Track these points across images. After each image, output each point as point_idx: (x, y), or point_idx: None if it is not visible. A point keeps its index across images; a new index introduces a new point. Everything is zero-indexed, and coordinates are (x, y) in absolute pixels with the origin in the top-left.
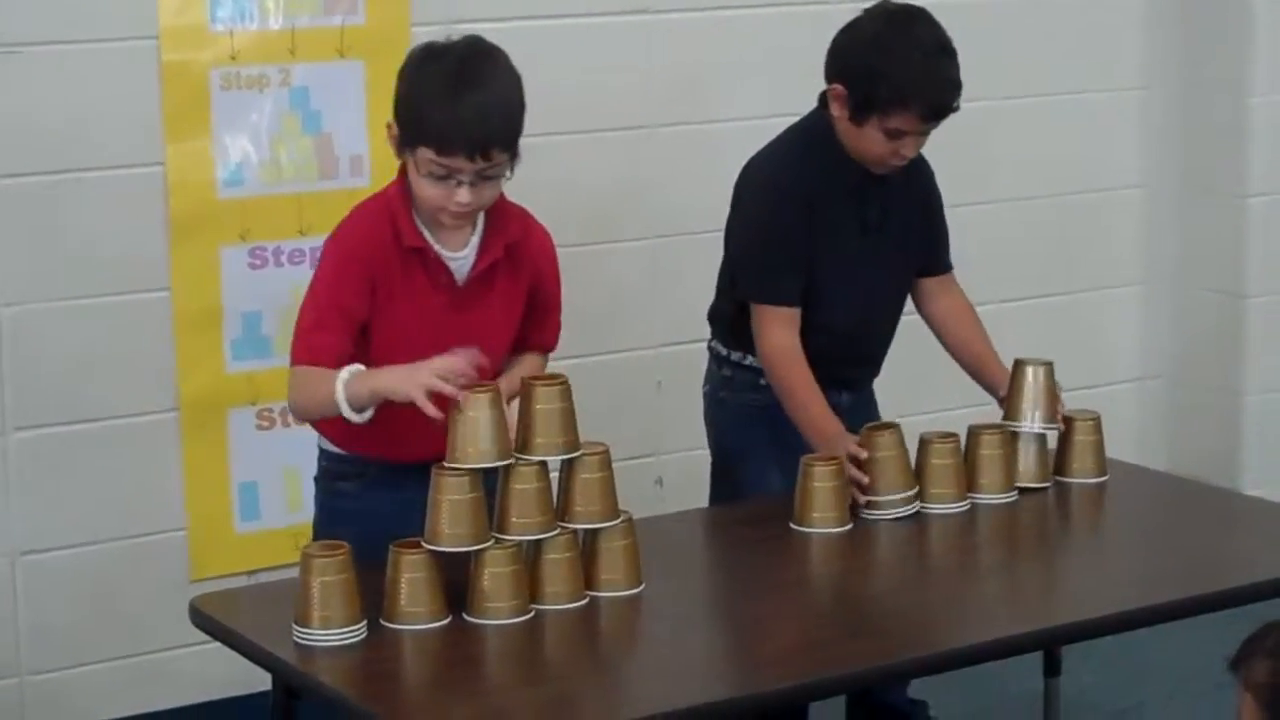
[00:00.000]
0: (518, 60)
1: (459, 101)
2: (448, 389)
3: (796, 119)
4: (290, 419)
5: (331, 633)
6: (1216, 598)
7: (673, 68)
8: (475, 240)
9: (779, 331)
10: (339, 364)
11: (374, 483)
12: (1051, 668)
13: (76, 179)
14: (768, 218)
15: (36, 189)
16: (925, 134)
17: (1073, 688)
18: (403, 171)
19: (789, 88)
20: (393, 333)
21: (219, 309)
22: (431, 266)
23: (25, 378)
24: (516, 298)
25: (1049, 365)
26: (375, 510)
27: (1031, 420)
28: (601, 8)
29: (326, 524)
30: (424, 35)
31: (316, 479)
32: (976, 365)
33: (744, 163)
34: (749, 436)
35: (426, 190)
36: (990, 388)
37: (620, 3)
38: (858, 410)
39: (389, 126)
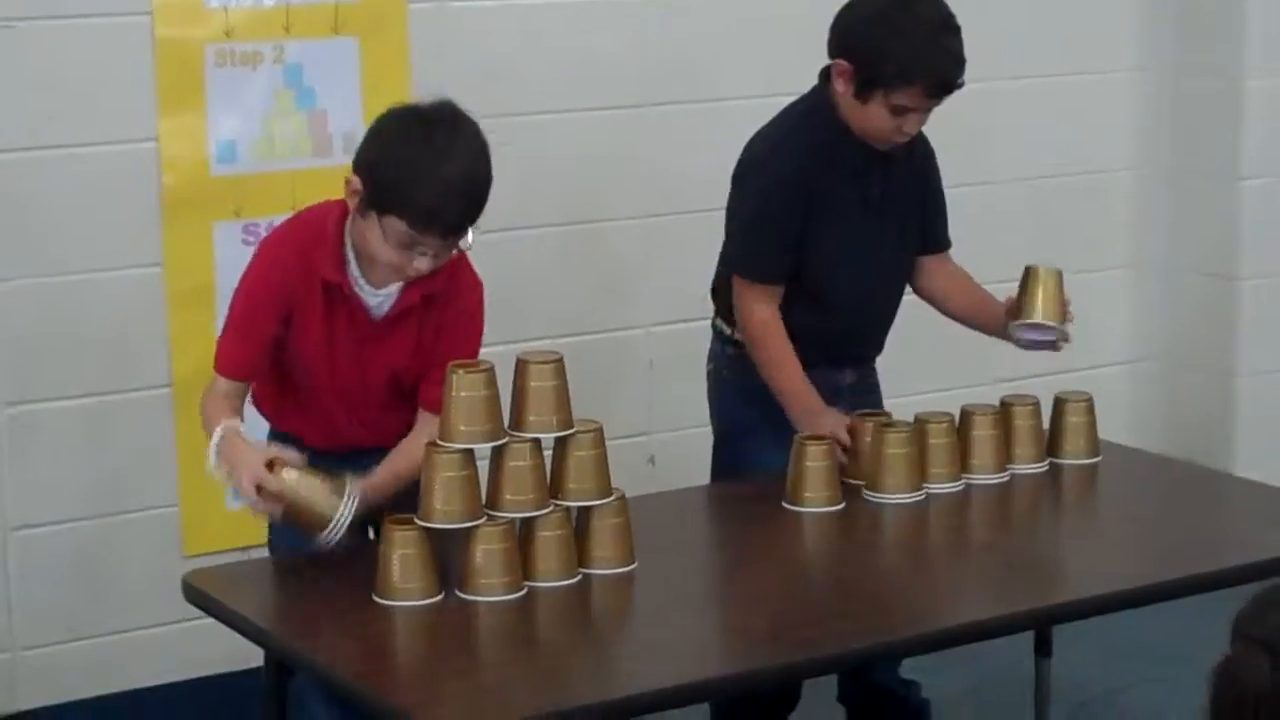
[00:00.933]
0: (515, 37)
1: (443, 178)
2: (260, 506)
3: (793, 98)
4: None
5: None
6: (1208, 578)
7: (669, 46)
8: (396, 285)
9: (760, 306)
10: (251, 376)
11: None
12: (1043, 648)
13: (70, 154)
14: (760, 196)
15: (29, 164)
16: (929, 111)
17: (1064, 668)
18: (345, 204)
19: (786, 66)
20: (302, 356)
21: (212, 285)
22: (350, 301)
23: (18, 352)
24: (423, 344)
25: (1058, 272)
26: None
27: (1041, 315)
28: None
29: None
30: (419, 12)
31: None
32: (980, 309)
33: (739, 141)
34: (751, 415)
35: (385, 254)
36: (997, 317)
37: None
38: (861, 389)
39: (348, 181)
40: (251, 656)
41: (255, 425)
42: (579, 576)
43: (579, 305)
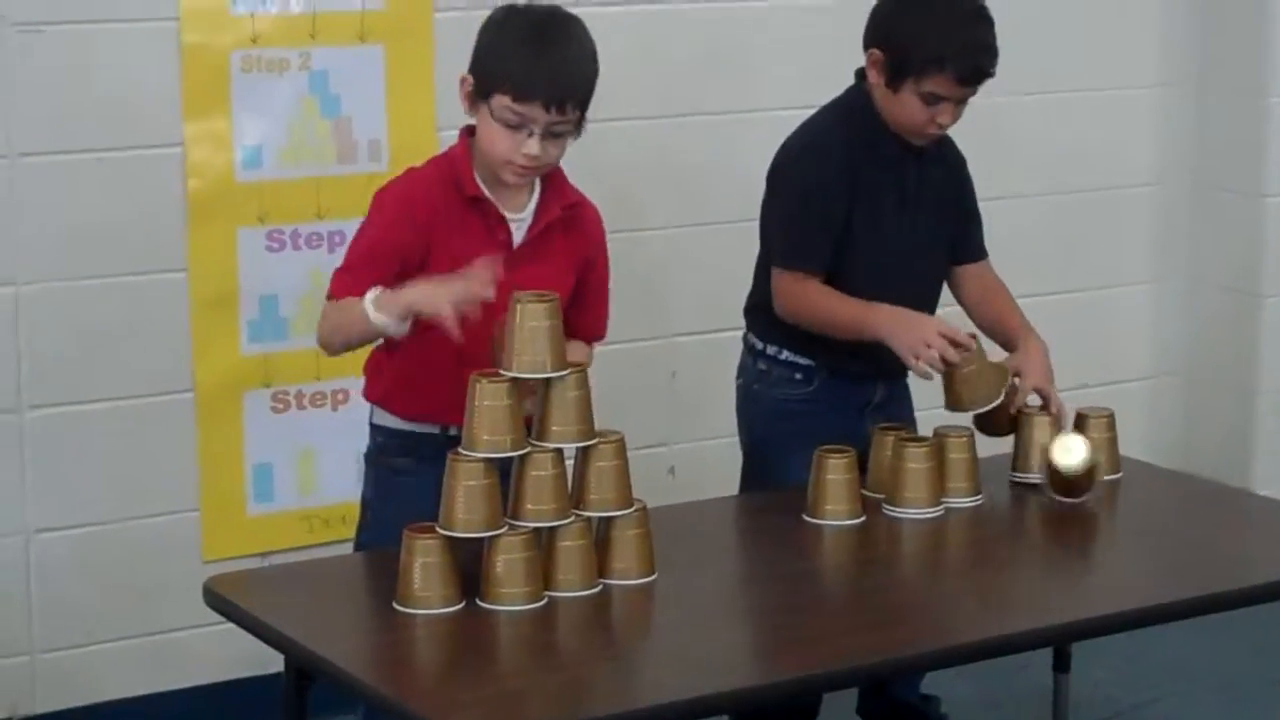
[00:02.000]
0: None
1: (541, 52)
2: (474, 306)
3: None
4: (304, 402)
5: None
6: (1228, 596)
7: (699, 56)
8: (532, 204)
9: (797, 284)
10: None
11: (429, 458)
12: (1061, 663)
13: (96, 159)
14: (803, 183)
15: (56, 168)
16: (962, 101)
17: (1083, 684)
18: (466, 133)
19: (816, 77)
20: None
21: (236, 291)
22: (491, 220)
23: (41, 356)
24: (568, 266)
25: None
26: (431, 487)
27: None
28: None
29: (380, 501)
30: (446, 21)
31: (367, 456)
32: (994, 327)
33: (771, 151)
34: (781, 431)
35: (497, 140)
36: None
37: None
38: (893, 405)
39: (463, 81)
40: (271, 662)
41: (315, 434)
42: (599, 587)
43: None
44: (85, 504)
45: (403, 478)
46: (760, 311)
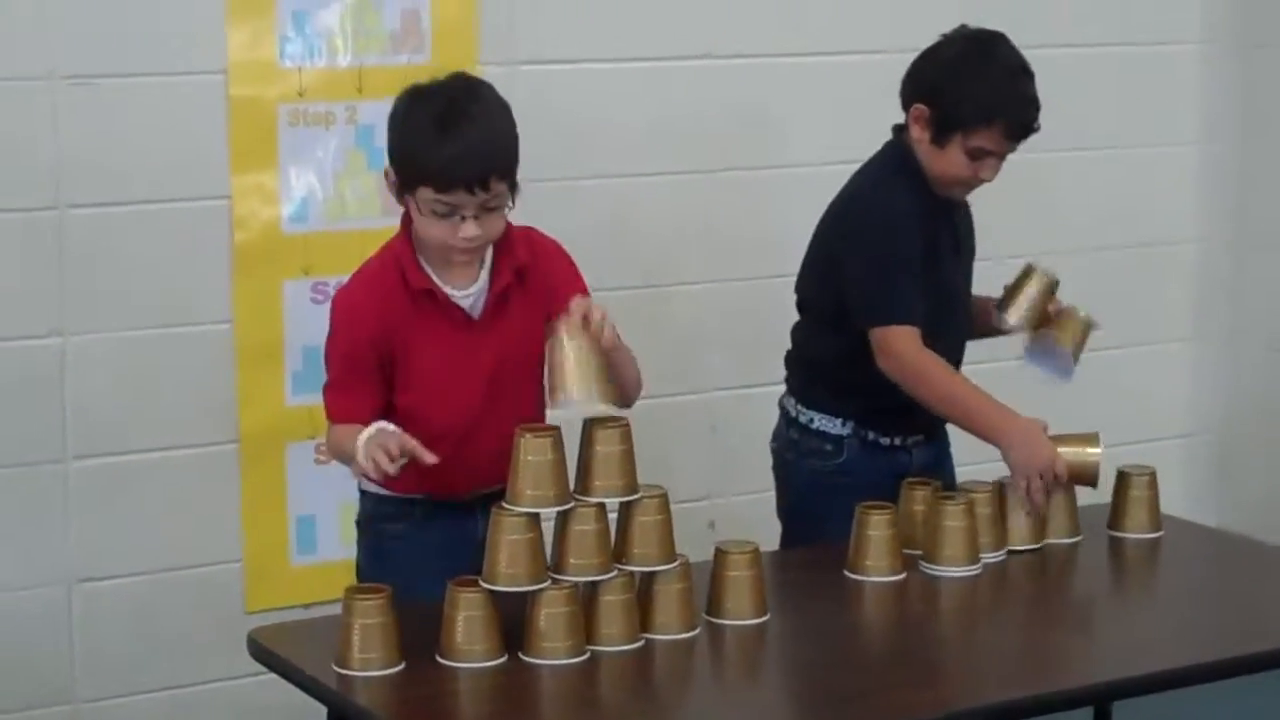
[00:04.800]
0: (580, 100)
1: (453, 138)
2: (383, 463)
3: (859, 164)
4: None
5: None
6: (1269, 655)
7: (737, 111)
8: (484, 274)
9: (913, 345)
10: (373, 417)
11: (420, 523)
12: None
13: (143, 211)
14: (884, 234)
15: (104, 220)
16: (1004, 156)
17: None
18: (405, 221)
19: (852, 133)
20: (417, 377)
21: (281, 342)
22: (444, 307)
23: (87, 407)
24: (534, 321)
25: (1051, 280)
26: (423, 551)
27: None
28: (667, 51)
29: (373, 567)
30: (491, 75)
31: (359, 523)
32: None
33: (806, 207)
34: (814, 500)
35: (432, 230)
36: (987, 312)
37: (686, 46)
38: (932, 463)
39: (386, 173)
40: (313, 713)
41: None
42: (641, 641)
43: (643, 368)
44: (129, 554)
45: (394, 543)
46: (798, 369)
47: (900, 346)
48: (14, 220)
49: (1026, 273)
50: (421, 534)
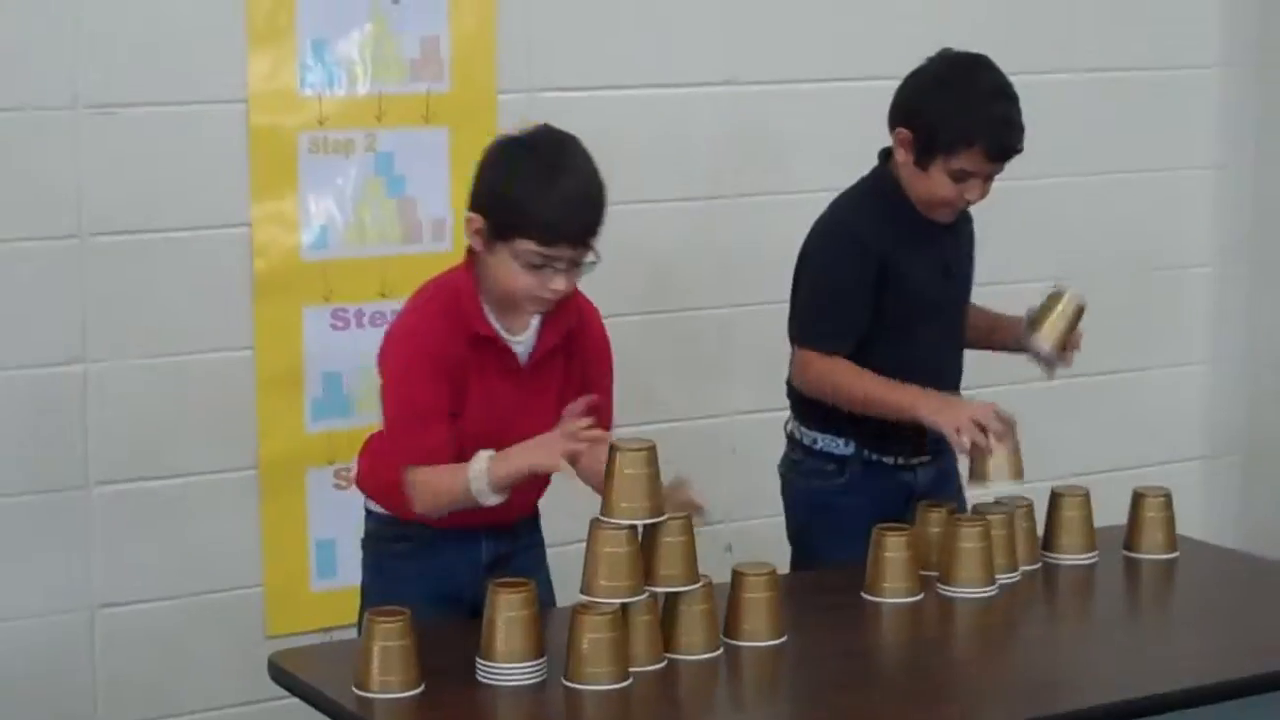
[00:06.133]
0: (597, 127)
1: (560, 191)
2: (582, 448)
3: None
4: None
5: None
6: None
7: (752, 137)
8: (534, 323)
9: (824, 361)
10: (454, 459)
11: (423, 546)
12: None
13: (164, 238)
14: (828, 264)
15: (125, 247)
16: (989, 177)
17: None
18: (468, 262)
19: (868, 155)
20: (466, 418)
21: (300, 369)
22: (500, 352)
23: (108, 433)
24: (573, 380)
25: (1079, 305)
26: (424, 571)
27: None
28: (681, 78)
29: (375, 587)
30: (509, 103)
31: (363, 541)
32: (994, 326)
33: (807, 230)
34: (815, 520)
35: (520, 280)
36: (1013, 330)
37: (700, 73)
38: (937, 483)
39: (470, 219)
40: None
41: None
42: (665, 662)
43: (662, 393)
44: (150, 579)
45: (398, 562)
46: (798, 392)
47: (812, 364)
48: (37, 248)
49: (1055, 295)
50: (424, 556)
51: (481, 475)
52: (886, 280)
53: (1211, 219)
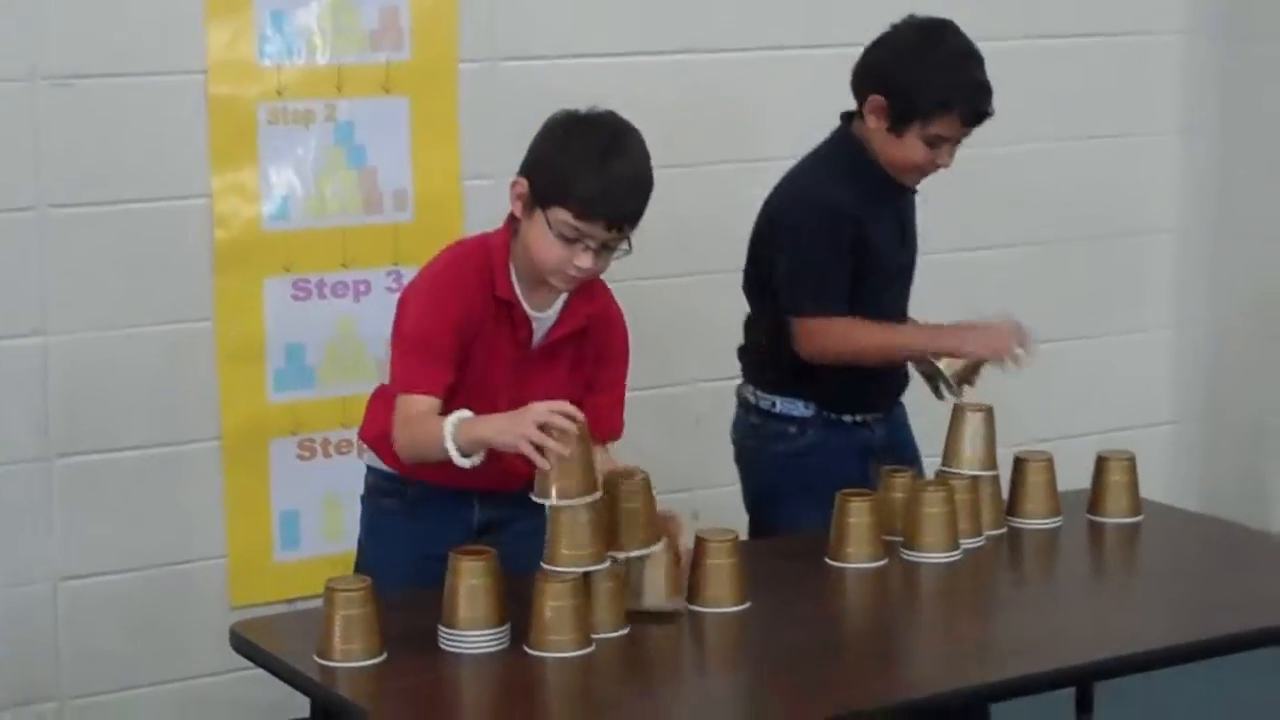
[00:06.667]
0: (564, 97)
1: (608, 171)
2: (549, 443)
3: None
4: (330, 449)
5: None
6: (1248, 637)
7: (710, 106)
8: (559, 303)
9: (829, 325)
10: (446, 394)
11: (414, 501)
12: (1084, 705)
13: (124, 210)
14: (815, 234)
15: (85, 219)
16: (959, 141)
17: None
18: (507, 228)
19: (826, 126)
20: (473, 380)
21: (262, 340)
22: (516, 321)
23: (69, 405)
24: (580, 370)
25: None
26: (417, 531)
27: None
28: (644, 46)
29: (370, 543)
30: (470, 72)
31: (362, 496)
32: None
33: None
34: (780, 482)
35: (550, 249)
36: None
37: (663, 41)
38: (900, 449)
39: (516, 183)
40: (298, 706)
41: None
42: (628, 630)
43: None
44: (113, 551)
45: (390, 519)
46: (752, 356)
47: (819, 330)
48: None
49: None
50: (415, 515)
51: (451, 432)
52: (855, 246)
53: (1176, 184)
